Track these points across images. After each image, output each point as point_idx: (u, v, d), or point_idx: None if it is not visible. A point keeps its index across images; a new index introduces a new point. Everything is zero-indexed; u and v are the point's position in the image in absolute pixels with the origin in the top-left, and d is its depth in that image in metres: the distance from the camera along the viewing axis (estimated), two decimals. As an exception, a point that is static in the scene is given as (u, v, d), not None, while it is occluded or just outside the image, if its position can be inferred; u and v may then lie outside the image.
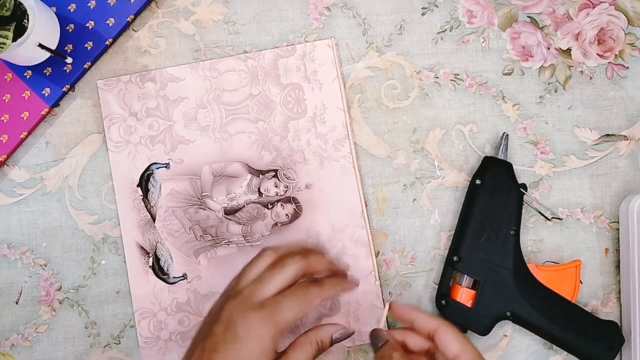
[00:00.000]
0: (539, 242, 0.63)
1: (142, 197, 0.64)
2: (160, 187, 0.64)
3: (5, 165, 0.64)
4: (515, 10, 0.65)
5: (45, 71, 0.63)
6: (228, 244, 0.63)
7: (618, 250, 0.63)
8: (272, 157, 0.64)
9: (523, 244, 0.61)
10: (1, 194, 0.64)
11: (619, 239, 0.63)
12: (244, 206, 0.64)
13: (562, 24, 0.65)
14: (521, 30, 0.65)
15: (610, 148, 0.64)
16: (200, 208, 0.63)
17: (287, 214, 0.63)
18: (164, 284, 0.63)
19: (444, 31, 0.65)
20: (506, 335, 0.63)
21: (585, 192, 0.64)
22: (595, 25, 0.64)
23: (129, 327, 0.63)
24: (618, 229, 0.63)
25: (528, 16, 0.65)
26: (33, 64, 0.62)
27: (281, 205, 0.63)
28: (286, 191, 0.63)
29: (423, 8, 0.65)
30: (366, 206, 0.63)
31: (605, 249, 0.63)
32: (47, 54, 0.61)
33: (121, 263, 0.63)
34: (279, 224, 0.63)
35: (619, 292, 0.63)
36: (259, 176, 0.64)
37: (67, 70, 0.63)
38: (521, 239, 0.60)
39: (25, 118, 0.63)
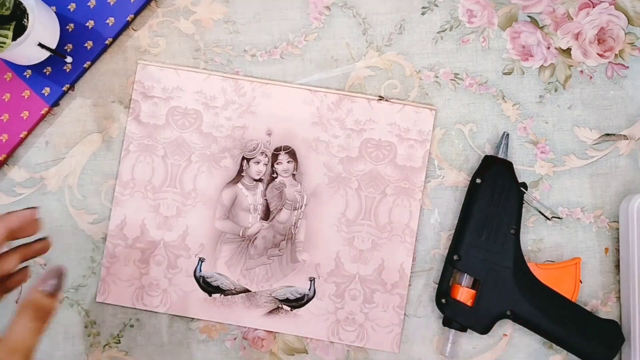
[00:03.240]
0: (539, 242, 0.63)
1: None
2: None
3: (5, 165, 0.64)
4: (515, 10, 0.65)
5: (45, 70, 0.63)
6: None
7: (618, 250, 0.63)
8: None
9: (523, 243, 0.61)
10: (1, 194, 0.64)
11: (618, 239, 0.63)
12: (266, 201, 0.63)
13: (562, 24, 0.65)
14: (521, 29, 0.65)
15: (610, 148, 0.64)
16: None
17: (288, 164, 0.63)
18: (164, 283, 0.63)
19: (444, 31, 0.65)
20: (506, 335, 0.63)
21: (585, 192, 0.64)
22: (595, 24, 0.64)
23: (129, 327, 0.63)
24: (618, 229, 0.63)
25: (528, 16, 0.65)
26: (33, 64, 0.62)
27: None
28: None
29: (423, 7, 0.65)
30: (366, 206, 0.63)
31: (605, 248, 0.64)
32: (47, 54, 0.61)
33: (121, 263, 0.63)
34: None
35: (619, 291, 0.63)
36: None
37: (67, 70, 0.63)
38: (521, 238, 0.60)
39: (25, 117, 0.63)
